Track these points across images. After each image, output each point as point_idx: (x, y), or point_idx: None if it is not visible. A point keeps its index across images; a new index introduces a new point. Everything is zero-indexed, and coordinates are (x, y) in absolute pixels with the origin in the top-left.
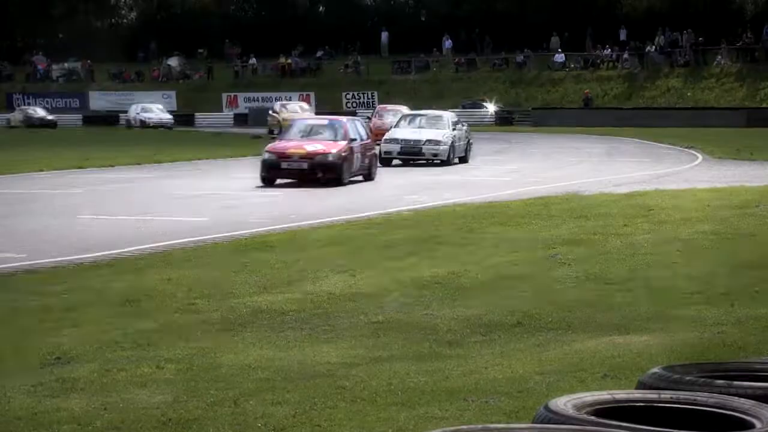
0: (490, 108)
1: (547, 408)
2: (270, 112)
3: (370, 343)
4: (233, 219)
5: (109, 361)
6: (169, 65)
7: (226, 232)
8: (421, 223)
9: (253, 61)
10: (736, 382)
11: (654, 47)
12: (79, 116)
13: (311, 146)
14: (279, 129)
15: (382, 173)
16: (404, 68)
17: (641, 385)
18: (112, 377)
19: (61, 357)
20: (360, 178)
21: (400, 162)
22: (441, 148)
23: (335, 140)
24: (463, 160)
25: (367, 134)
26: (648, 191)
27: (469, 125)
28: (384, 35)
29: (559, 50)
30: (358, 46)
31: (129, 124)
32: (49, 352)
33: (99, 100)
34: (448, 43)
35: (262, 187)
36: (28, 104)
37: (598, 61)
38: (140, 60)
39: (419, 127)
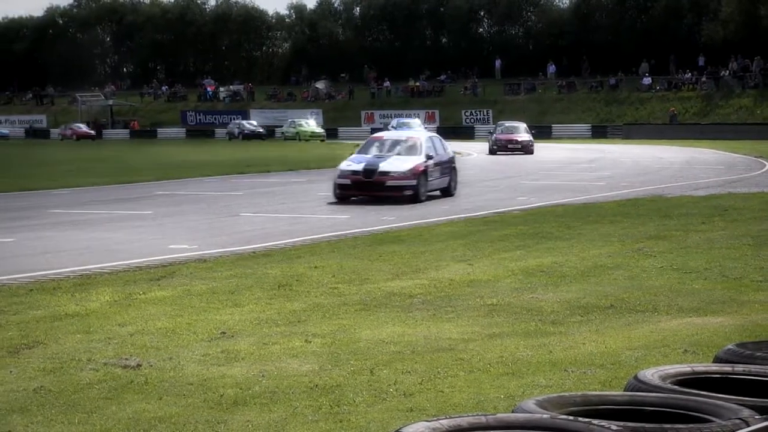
0: None
1: (636, 378)
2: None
3: (485, 322)
4: (370, 217)
5: (265, 336)
6: (316, 87)
7: (364, 228)
8: (528, 221)
9: (387, 83)
10: None
11: (728, 71)
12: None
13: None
14: None
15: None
16: (514, 90)
17: (717, 360)
18: (268, 349)
19: (225, 332)
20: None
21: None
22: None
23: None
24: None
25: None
26: (723, 194)
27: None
28: (497, 62)
29: (647, 74)
30: (476, 71)
31: None
32: (215, 328)
33: (258, 117)
34: (551, 68)
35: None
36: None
37: (680, 83)
38: (292, 83)
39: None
